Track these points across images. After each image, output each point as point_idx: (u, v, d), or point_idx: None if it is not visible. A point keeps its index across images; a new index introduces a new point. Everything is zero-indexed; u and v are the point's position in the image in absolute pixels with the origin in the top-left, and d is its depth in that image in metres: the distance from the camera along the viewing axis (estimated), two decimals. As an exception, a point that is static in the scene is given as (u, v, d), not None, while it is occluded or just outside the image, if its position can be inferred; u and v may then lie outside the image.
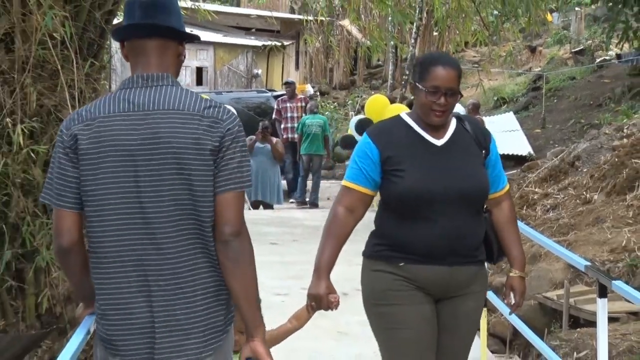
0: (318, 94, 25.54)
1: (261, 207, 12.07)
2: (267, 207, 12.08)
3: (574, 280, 7.88)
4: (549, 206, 10.39)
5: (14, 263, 5.01)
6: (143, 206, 2.43)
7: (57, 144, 2.52)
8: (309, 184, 13.37)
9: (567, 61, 23.66)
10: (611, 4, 15.97)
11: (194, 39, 2.70)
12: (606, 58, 20.98)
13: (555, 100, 19.41)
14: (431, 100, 3.09)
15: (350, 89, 28.74)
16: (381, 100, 10.70)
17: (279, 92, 17.06)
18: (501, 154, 3.42)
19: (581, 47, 23.67)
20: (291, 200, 13.69)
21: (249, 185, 2.52)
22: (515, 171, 13.39)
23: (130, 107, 2.47)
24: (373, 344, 3.32)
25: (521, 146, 16.03)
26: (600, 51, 22.23)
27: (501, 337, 7.64)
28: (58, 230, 2.51)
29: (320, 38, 26.56)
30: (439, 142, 3.18)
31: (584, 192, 10.12)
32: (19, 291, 5.12)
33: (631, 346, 6.19)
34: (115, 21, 5.66)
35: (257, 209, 11.95)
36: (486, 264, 3.38)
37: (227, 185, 2.46)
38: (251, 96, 18.09)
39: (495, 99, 21.70)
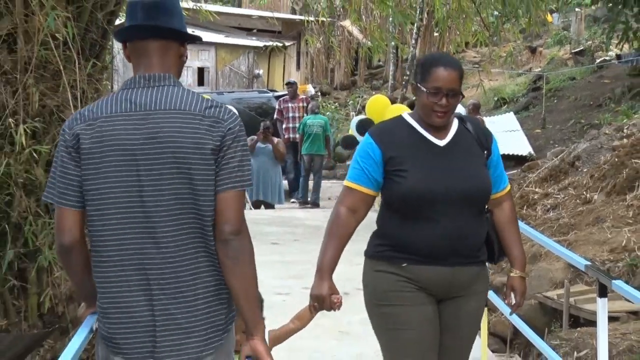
0: (319, 94, 25.53)
1: (262, 207, 12.08)
2: (269, 207, 12.09)
3: (574, 280, 7.90)
4: (549, 206, 10.40)
5: (16, 262, 5.02)
6: (144, 205, 2.44)
7: (60, 143, 2.53)
8: (310, 184, 13.38)
9: (567, 62, 23.66)
10: (611, 4, 15.99)
11: (196, 40, 2.71)
12: (606, 58, 20.98)
13: (556, 101, 19.41)
14: (433, 101, 3.08)
15: (351, 89, 28.76)
16: (382, 100, 10.70)
17: (280, 93, 17.07)
18: (501, 154, 3.41)
19: (581, 48, 23.67)
20: (292, 200, 13.70)
21: (250, 184, 2.53)
22: (515, 171, 13.40)
23: (132, 107, 2.48)
24: (374, 343, 3.31)
25: (521, 146, 16.03)
26: (600, 52, 22.23)
27: (502, 336, 7.65)
28: (60, 229, 2.52)
29: (321, 38, 26.56)
30: (441, 143, 3.16)
31: (584, 192, 10.13)
32: (21, 291, 5.13)
33: (631, 345, 6.20)
34: (117, 22, 5.68)
35: (258, 208, 11.96)
36: (487, 263, 3.38)
37: (228, 184, 2.47)
38: (252, 96, 18.12)
39: (496, 99, 21.70)
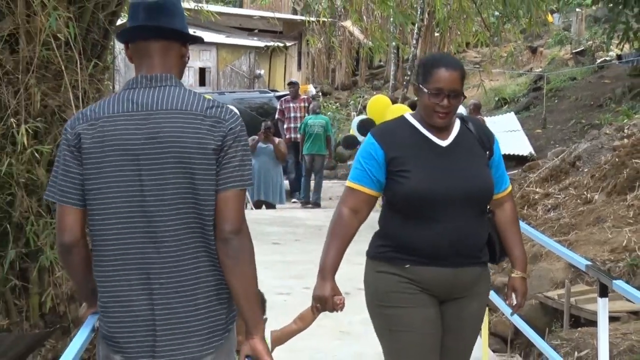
0: (320, 94, 25.52)
1: (263, 207, 12.08)
2: (270, 207, 12.09)
3: (575, 280, 7.90)
4: (549, 206, 10.41)
5: (17, 262, 5.03)
6: (145, 204, 2.45)
7: (62, 142, 2.54)
8: (311, 183, 13.38)
9: (567, 62, 23.66)
10: (612, 4, 16.01)
11: (198, 40, 2.72)
12: (607, 59, 20.99)
13: (556, 101, 19.41)
14: (434, 102, 3.07)
15: (352, 89, 28.76)
16: (383, 100, 10.71)
17: (282, 93, 17.07)
18: (502, 154, 3.41)
19: (582, 48, 23.67)
20: (293, 200, 13.69)
21: (250, 183, 2.53)
22: (516, 171, 13.40)
23: (134, 107, 2.49)
24: (375, 343, 3.31)
25: (522, 146, 16.04)
26: (601, 52, 22.23)
27: (502, 336, 7.66)
28: (61, 227, 2.53)
29: (322, 39, 26.54)
30: (443, 143, 3.15)
31: (585, 192, 10.14)
32: (22, 290, 5.14)
33: (632, 345, 6.21)
34: (119, 22, 5.69)
35: (259, 208, 11.96)
36: (488, 264, 3.38)
37: (228, 183, 2.47)
38: (254, 96, 18.13)
39: (497, 99, 21.70)
